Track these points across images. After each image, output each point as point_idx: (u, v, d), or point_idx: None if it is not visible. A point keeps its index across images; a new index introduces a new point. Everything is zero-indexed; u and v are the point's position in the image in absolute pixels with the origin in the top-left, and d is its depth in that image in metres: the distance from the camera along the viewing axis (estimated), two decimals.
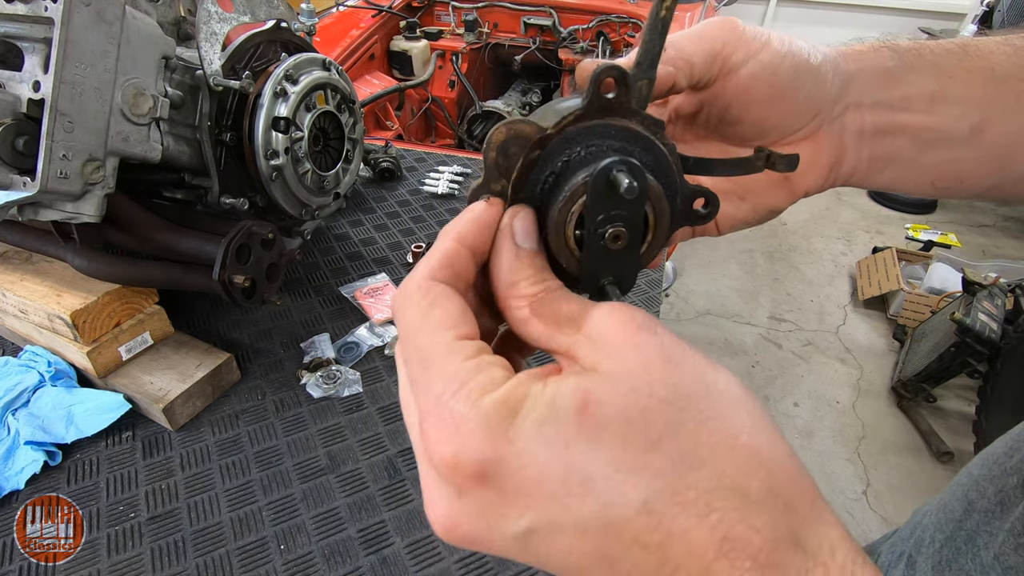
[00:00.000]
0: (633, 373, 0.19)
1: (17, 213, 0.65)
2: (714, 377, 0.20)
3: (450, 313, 0.21)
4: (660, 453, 0.18)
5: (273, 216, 0.98)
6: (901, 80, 0.30)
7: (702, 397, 0.19)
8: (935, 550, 0.38)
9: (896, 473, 2.04)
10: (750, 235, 3.33)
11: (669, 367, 0.19)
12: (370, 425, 0.83)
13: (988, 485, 0.36)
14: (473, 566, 0.67)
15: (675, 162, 0.25)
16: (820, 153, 0.31)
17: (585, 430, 0.18)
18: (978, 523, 0.35)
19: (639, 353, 0.19)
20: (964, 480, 0.40)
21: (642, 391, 0.18)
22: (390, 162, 1.44)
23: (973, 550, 0.35)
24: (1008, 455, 0.36)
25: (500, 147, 0.24)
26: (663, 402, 0.18)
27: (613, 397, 0.18)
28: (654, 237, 0.25)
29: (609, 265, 0.24)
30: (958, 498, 0.39)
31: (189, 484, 0.75)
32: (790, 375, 2.45)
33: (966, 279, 2.17)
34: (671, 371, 0.19)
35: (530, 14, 2.56)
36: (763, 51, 0.28)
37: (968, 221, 3.55)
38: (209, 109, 0.83)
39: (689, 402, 0.19)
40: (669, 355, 0.19)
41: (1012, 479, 0.35)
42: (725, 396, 0.19)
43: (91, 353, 0.79)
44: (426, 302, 0.22)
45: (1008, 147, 0.30)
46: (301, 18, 1.00)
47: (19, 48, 0.64)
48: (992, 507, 0.35)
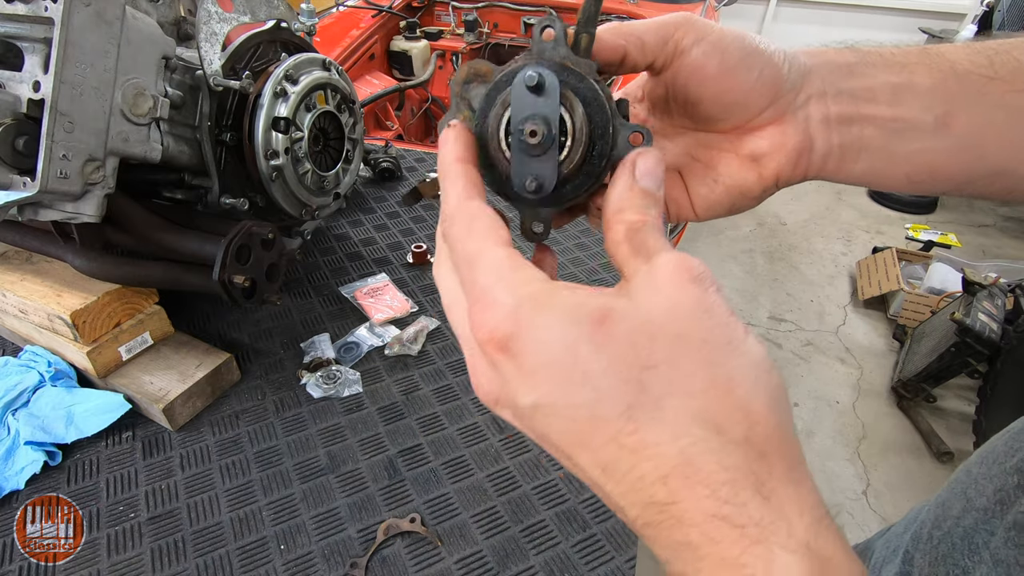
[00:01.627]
0: (659, 307, 0.21)
1: (17, 213, 0.65)
2: (741, 338, 0.21)
3: (489, 224, 0.25)
4: (654, 374, 0.20)
5: (273, 216, 0.98)
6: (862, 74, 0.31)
7: (717, 347, 0.21)
8: (932, 546, 0.38)
9: (896, 473, 2.04)
10: (750, 235, 3.33)
11: (698, 313, 0.21)
12: (370, 425, 0.83)
13: (987, 484, 0.36)
14: (473, 566, 0.67)
15: (607, 97, 0.28)
16: (786, 137, 0.31)
17: (596, 336, 0.21)
18: (976, 520, 0.35)
19: (677, 295, 0.22)
20: (963, 477, 0.40)
21: (657, 322, 0.21)
22: (390, 162, 1.44)
23: (971, 547, 0.35)
24: (1008, 454, 0.36)
25: (463, 83, 0.29)
26: (675, 336, 0.21)
27: (629, 320, 0.21)
28: (573, 143, 0.27)
29: (531, 167, 0.28)
30: (956, 495, 0.39)
31: (189, 484, 0.75)
32: (790, 375, 2.45)
33: (966, 279, 2.17)
34: (698, 317, 0.21)
35: (530, 14, 2.56)
36: (713, 34, 0.30)
37: (968, 221, 3.55)
38: (209, 109, 0.83)
39: (703, 345, 0.21)
40: (706, 305, 0.21)
41: (1012, 478, 0.35)
42: (742, 355, 0.21)
43: (91, 353, 0.79)
44: (468, 216, 0.26)
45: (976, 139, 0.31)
46: (301, 18, 1.00)
47: (19, 48, 0.64)
48: (991, 505, 0.35)
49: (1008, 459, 0.36)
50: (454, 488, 0.75)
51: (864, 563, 0.47)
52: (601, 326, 0.21)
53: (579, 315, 0.21)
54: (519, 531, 0.71)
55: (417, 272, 1.14)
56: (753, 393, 0.21)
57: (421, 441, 0.82)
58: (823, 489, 1.95)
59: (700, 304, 0.21)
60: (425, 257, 1.17)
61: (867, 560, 0.47)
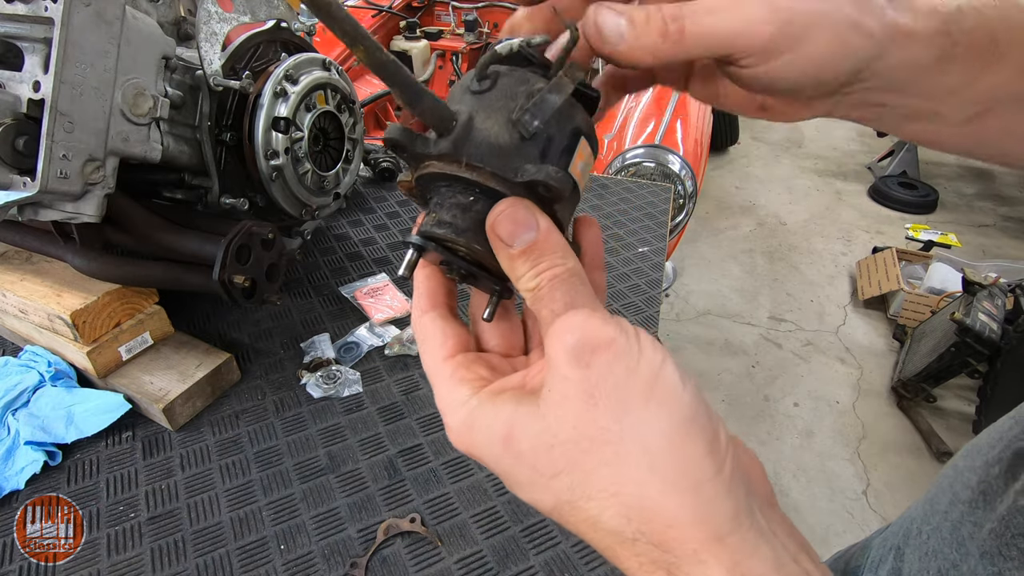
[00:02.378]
0: (552, 410, 0.23)
1: (17, 213, 0.65)
2: (630, 419, 0.22)
3: (434, 341, 0.29)
4: (560, 481, 0.23)
5: (273, 216, 0.98)
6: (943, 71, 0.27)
7: (604, 443, 0.22)
8: (922, 541, 0.38)
9: (896, 473, 2.05)
10: (750, 235, 3.33)
11: (585, 407, 0.23)
12: (370, 425, 0.84)
13: (971, 476, 0.36)
14: (473, 566, 0.67)
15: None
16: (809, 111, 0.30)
17: (508, 455, 0.25)
18: (962, 513, 0.35)
19: (565, 386, 0.23)
20: (949, 472, 0.40)
21: (550, 431, 0.23)
22: (390, 162, 1.44)
23: (958, 540, 0.35)
24: (991, 446, 0.36)
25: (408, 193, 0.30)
26: (567, 442, 0.23)
27: (527, 434, 0.24)
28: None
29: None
30: (943, 490, 0.39)
31: (189, 484, 0.75)
32: (790, 375, 2.45)
33: (966, 279, 2.17)
34: (584, 412, 0.23)
35: None
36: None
37: (968, 221, 3.55)
38: (209, 109, 0.83)
39: (591, 445, 0.22)
40: (591, 392, 0.23)
41: (994, 469, 0.35)
42: (631, 442, 0.22)
43: (91, 353, 0.79)
44: (420, 333, 0.30)
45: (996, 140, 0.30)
46: (301, 18, 1.00)
47: (19, 48, 0.64)
48: (975, 497, 0.35)
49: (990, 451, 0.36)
50: (454, 488, 0.75)
51: (861, 561, 0.47)
52: (508, 446, 0.24)
53: (492, 438, 0.25)
54: (519, 531, 0.71)
55: None
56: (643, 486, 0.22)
57: (421, 441, 0.82)
58: (823, 489, 1.94)
59: (585, 393, 0.23)
60: None
61: (864, 559, 0.47)
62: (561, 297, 0.25)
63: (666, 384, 0.23)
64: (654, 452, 0.22)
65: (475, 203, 0.27)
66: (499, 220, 0.25)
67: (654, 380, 0.22)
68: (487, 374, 0.28)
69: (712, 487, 0.22)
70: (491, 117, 0.26)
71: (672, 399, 0.22)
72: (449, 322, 0.30)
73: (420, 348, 0.30)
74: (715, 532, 0.21)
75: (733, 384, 2.40)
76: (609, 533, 0.23)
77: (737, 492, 0.22)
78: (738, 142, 4.28)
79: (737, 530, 0.21)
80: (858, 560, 0.48)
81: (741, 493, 0.22)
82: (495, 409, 0.25)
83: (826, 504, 1.94)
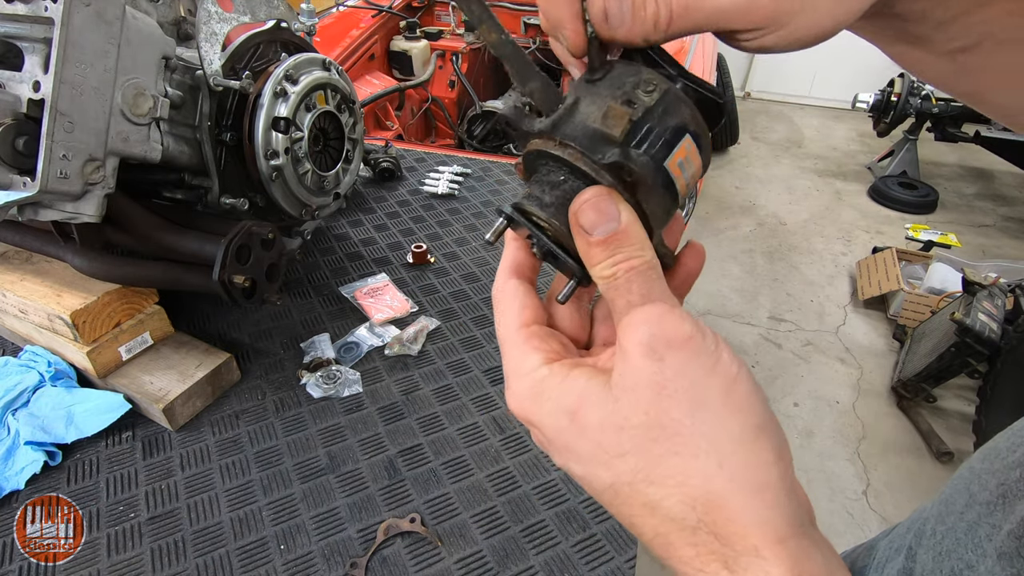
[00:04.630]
0: (625, 394, 0.24)
1: (17, 213, 0.65)
2: (703, 415, 0.23)
3: (512, 307, 0.30)
4: (624, 461, 0.24)
5: (273, 216, 0.98)
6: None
7: (674, 433, 0.23)
8: (936, 541, 0.38)
9: (896, 473, 2.04)
10: (750, 235, 3.33)
11: (658, 398, 0.23)
12: (370, 425, 0.83)
13: (990, 478, 0.36)
14: (473, 566, 0.67)
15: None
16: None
17: (573, 428, 0.25)
18: (979, 515, 0.35)
19: (637, 375, 0.24)
20: (966, 474, 0.40)
21: (621, 413, 0.24)
22: (390, 162, 1.44)
23: (974, 540, 0.35)
24: (1011, 449, 0.36)
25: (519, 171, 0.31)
26: (637, 427, 0.23)
27: (598, 411, 0.24)
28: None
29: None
30: (959, 491, 0.39)
31: (189, 484, 0.75)
32: (790, 375, 2.44)
33: (966, 279, 2.17)
34: (657, 402, 0.23)
35: (530, 14, 2.56)
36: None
37: (968, 221, 3.54)
38: (209, 109, 0.83)
39: (662, 433, 0.23)
40: (664, 384, 0.23)
41: (1015, 472, 0.35)
42: (701, 437, 0.23)
43: (91, 353, 0.79)
44: (497, 299, 0.31)
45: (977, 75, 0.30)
46: (301, 18, 1.00)
47: (19, 48, 0.64)
48: (994, 499, 0.35)
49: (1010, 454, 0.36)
50: (454, 488, 0.75)
51: (867, 562, 0.47)
52: (575, 419, 0.25)
53: (560, 408, 0.26)
54: (519, 531, 0.71)
55: (417, 272, 1.14)
56: (708, 479, 0.22)
57: (421, 441, 0.82)
58: (823, 489, 1.94)
59: (658, 385, 0.23)
60: (425, 257, 1.17)
61: (870, 559, 0.47)
62: (638, 289, 0.25)
63: (742, 390, 0.24)
64: (725, 451, 0.23)
65: (564, 182, 0.27)
66: (583, 208, 0.26)
67: (731, 384, 0.23)
68: (560, 349, 0.29)
69: (775, 492, 0.23)
70: (594, 103, 0.27)
71: (747, 405, 0.23)
72: (529, 293, 0.30)
73: (496, 314, 0.30)
74: (777, 534, 0.22)
75: None
76: (669, 519, 0.23)
77: (795, 501, 0.23)
78: (738, 142, 4.27)
79: (795, 535, 0.22)
80: (864, 561, 0.48)
81: (796, 503, 0.23)
82: (568, 382, 0.26)
83: (826, 504, 1.94)
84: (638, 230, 0.26)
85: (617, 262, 0.25)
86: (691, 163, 0.27)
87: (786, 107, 5.03)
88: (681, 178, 0.27)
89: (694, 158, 0.27)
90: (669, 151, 0.26)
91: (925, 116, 3.48)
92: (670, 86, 0.26)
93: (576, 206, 0.26)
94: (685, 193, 0.28)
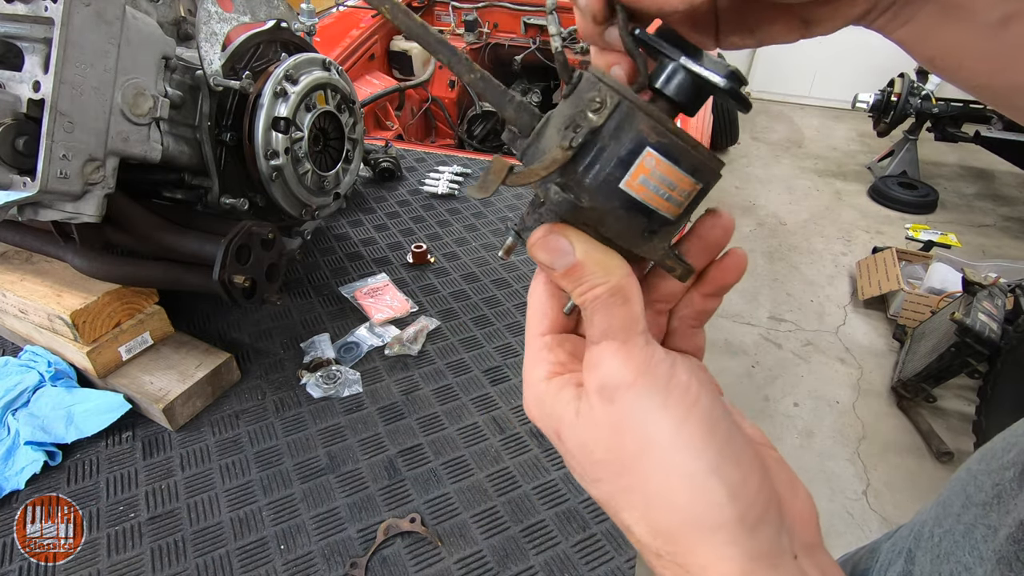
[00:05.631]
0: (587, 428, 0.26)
1: (17, 213, 0.65)
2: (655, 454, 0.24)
3: (535, 315, 0.30)
4: (599, 487, 0.26)
5: (273, 216, 0.98)
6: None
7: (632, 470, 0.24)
8: (934, 543, 0.38)
9: (896, 473, 2.04)
10: (750, 235, 3.33)
11: (614, 436, 0.25)
12: (370, 425, 0.83)
13: (985, 479, 0.36)
14: (473, 566, 0.67)
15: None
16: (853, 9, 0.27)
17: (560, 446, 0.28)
18: (976, 516, 0.35)
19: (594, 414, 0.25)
20: (963, 475, 0.40)
21: (588, 447, 0.26)
22: (390, 162, 1.44)
23: (971, 543, 0.35)
24: (1005, 450, 0.36)
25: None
26: (601, 462, 0.25)
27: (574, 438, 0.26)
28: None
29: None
30: (957, 493, 0.39)
31: (189, 484, 0.75)
32: (790, 375, 2.44)
33: (966, 279, 2.17)
34: (614, 439, 0.25)
35: (530, 14, 2.56)
36: None
37: (968, 221, 3.54)
38: (209, 109, 0.83)
39: (623, 468, 0.25)
40: (617, 424, 0.25)
41: (1008, 472, 0.35)
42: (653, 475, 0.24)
43: (91, 353, 0.79)
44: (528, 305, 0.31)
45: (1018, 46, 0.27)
46: (301, 18, 1.00)
47: (19, 48, 0.64)
48: (989, 500, 0.35)
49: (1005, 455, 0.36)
50: (454, 488, 0.75)
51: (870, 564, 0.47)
52: (560, 442, 0.27)
53: (549, 426, 0.28)
54: (519, 531, 0.71)
55: (417, 272, 1.14)
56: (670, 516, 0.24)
57: (421, 441, 0.82)
58: (823, 489, 1.94)
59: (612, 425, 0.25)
60: (425, 257, 1.17)
61: (873, 562, 0.47)
62: (599, 323, 0.25)
63: (695, 420, 0.24)
64: (676, 491, 0.24)
65: (543, 204, 0.27)
66: (534, 249, 0.26)
67: (684, 416, 0.24)
68: (565, 359, 0.29)
69: (731, 532, 0.23)
70: (554, 125, 0.26)
71: (700, 441, 0.24)
72: (553, 299, 0.30)
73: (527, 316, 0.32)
74: (741, 569, 0.23)
75: (733, 384, 2.40)
76: (640, 543, 0.25)
77: (761, 535, 0.23)
78: (738, 142, 4.27)
79: (764, 567, 0.23)
80: (866, 563, 0.48)
81: (767, 536, 0.23)
82: (554, 403, 0.27)
83: (826, 504, 1.94)
84: (599, 257, 0.25)
85: (583, 292, 0.25)
86: (662, 177, 0.25)
87: (786, 107, 5.03)
88: (652, 195, 0.25)
89: (667, 172, 0.25)
90: (626, 170, 0.24)
91: (925, 116, 3.47)
92: (621, 100, 0.24)
93: (528, 248, 0.26)
94: (671, 208, 0.25)
